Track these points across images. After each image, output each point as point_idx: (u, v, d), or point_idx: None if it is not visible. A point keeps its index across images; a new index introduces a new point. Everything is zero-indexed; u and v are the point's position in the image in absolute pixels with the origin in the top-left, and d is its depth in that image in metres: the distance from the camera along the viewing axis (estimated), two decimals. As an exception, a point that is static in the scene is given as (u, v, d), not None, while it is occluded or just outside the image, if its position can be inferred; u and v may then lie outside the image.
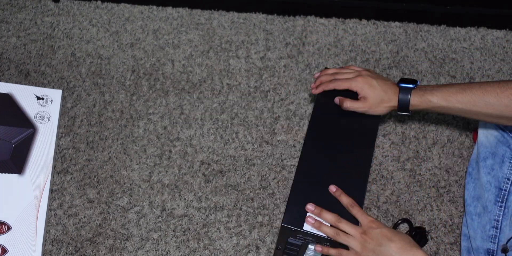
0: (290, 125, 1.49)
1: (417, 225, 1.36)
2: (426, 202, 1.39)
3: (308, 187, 1.01)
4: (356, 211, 0.99)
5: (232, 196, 1.39)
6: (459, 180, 1.42)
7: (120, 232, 1.35)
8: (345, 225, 0.98)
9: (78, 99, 1.53)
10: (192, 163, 1.44)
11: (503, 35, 1.65)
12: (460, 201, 1.40)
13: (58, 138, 1.46)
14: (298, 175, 1.02)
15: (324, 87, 1.11)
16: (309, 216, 0.99)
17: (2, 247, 1.29)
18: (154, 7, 1.69)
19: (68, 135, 1.47)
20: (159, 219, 1.36)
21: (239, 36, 1.64)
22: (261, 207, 1.38)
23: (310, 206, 0.99)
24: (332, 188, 1.01)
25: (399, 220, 1.34)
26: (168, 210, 1.37)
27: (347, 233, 0.98)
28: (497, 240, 1.14)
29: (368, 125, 1.09)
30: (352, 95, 1.09)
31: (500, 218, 1.13)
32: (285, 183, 1.41)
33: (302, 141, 1.46)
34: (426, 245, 1.34)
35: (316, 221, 0.99)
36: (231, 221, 1.36)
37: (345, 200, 1.00)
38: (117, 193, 1.39)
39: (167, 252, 1.33)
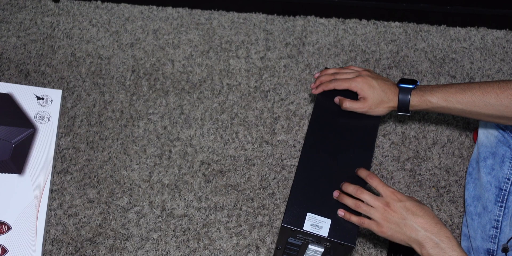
0: (290, 125, 1.49)
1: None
2: (426, 202, 1.39)
3: (308, 187, 1.01)
4: (376, 183, 0.97)
5: (232, 196, 1.39)
6: (459, 180, 1.42)
7: (120, 232, 1.35)
8: (366, 196, 0.96)
9: (78, 99, 1.53)
10: (192, 163, 1.44)
11: (503, 35, 1.65)
12: (460, 201, 1.40)
13: (58, 138, 1.46)
14: (298, 175, 1.02)
15: (324, 87, 1.11)
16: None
17: (2, 247, 1.29)
18: (154, 7, 1.69)
19: (68, 135, 1.47)
20: (159, 219, 1.36)
21: (239, 36, 1.64)
22: (261, 207, 1.38)
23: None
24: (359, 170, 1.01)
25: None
26: (168, 210, 1.37)
27: (369, 205, 0.96)
28: (497, 240, 1.14)
29: (368, 125, 1.09)
30: (352, 95, 1.09)
31: (500, 218, 1.13)
32: (285, 183, 1.41)
33: (302, 141, 1.46)
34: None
35: (337, 192, 0.98)
36: (231, 221, 1.36)
37: (363, 173, 0.99)
38: (117, 193, 1.39)
39: (167, 252, 1.33)
